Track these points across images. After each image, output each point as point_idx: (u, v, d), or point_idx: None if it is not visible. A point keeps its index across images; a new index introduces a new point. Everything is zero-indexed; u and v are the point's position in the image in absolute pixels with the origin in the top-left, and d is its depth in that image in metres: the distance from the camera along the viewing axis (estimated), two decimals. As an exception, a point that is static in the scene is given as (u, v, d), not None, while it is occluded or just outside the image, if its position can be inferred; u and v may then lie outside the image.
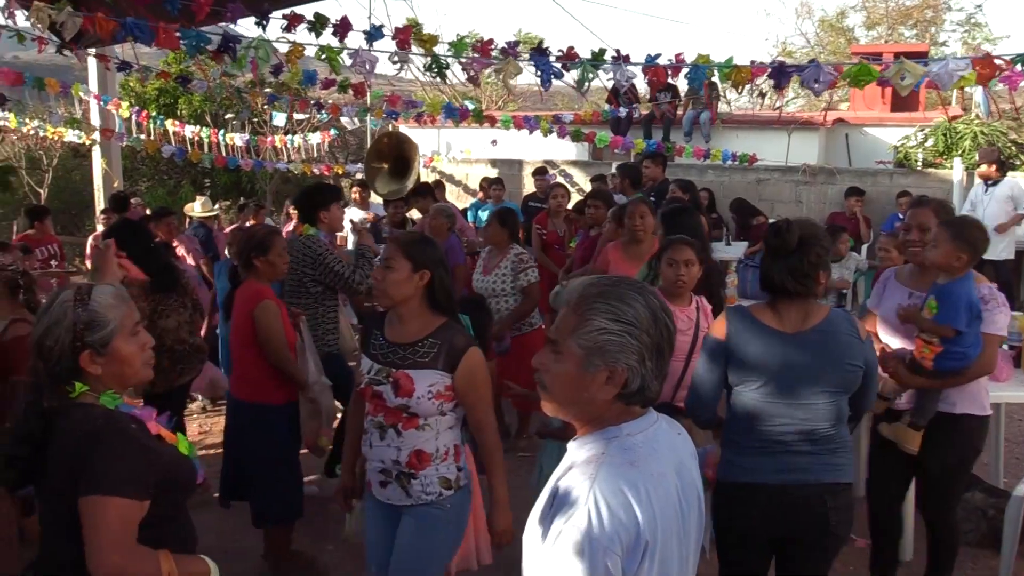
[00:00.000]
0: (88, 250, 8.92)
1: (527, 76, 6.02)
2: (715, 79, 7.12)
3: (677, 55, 5.35)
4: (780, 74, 5.09)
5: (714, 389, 2.91)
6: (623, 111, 11.54)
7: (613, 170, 10.82)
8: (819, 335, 2.81)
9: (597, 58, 5.43)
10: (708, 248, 4.68)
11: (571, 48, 5.47)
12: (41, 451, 2.05)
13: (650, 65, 5.32)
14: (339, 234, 7.17)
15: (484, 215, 9.75)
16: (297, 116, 17.46)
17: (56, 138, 13.31)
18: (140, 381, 2.21)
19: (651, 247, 4.95)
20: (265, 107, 17.17)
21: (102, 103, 10.82)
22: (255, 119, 18.24)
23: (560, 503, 1.59)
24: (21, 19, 6.35)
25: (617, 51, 5.47)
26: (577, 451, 1.71)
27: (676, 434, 1.80)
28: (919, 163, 11.87)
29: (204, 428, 6.55)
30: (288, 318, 4.13)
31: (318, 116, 14.65)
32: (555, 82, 5.94)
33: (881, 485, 3.83)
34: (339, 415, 4.85)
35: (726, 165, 11.73)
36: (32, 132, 13.17)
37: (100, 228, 9.89)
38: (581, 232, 7.25)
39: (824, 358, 2.80)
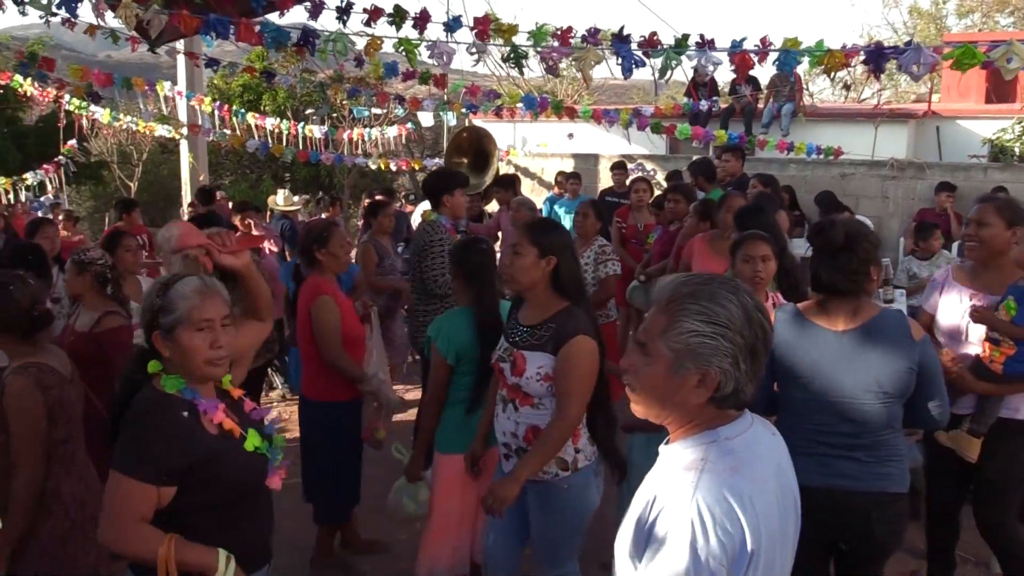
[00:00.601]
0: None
1: (602, 70, 5.92)
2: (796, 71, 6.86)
3: (763, 40, 5.17)
4: (878, 57, 4.81)
5: (763, 389, 2.80)
6: (704, 104, 11.29)
7: (691, 164, 10.66)
8: (868, 334, 2.72)
9: (680, 45, 5.29)
10: (784, 243, 4.56)
11: (653, 34, 5.34)
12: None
13: (736, 51, 5.15)
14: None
15: (560, 210, 9.69)
16: (374, 111, 17.70)
17: (147, 133, 13.77)
18: (204, 377, 2.24)
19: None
20: (344, 102, 17.48)
21: (186, 98, 11.14)
22: (334, 114, 18.54)
23: (660, 512, 1.54)
24: (111, 19, 6.57)
25: (701, 36, 5.32)
26: (673, 456, 1.65)
27: (771, 435, 1.73)
28: (1016, 157, 11.30)
29: (284, 417, 6.67)
30: (355, 311, 4.14)
31: (396, 110, 14.76)
32: (633, 76, 5.83)
33: (937, 493, 3.70)
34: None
35: (809, 159, 11.38)
36: (125, 127, 13.64)
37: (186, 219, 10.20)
38: (660, 227, 7.13)
39: (873, 358, 2.70)
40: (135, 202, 8.66)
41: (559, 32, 5.56)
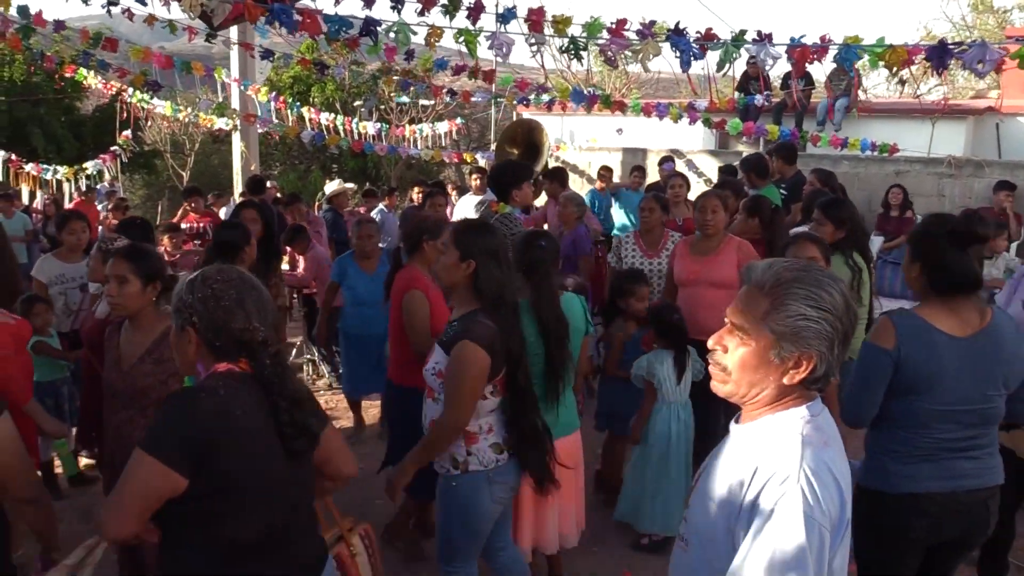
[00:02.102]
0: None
1: (653, 62, 5.84)
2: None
3: (822, 36, 5.07)
4: (941, 54, 4.68)
5: (876, 405, 2.72)
6: (758, 99, 11.13)
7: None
8: (989, 337, 2.65)
9: (738, 39, 5.21)
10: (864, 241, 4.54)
11: (710, 29, 5.28)
12: None
13: (796, 46, 5.05)
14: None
15: (617, 202, 9.63)
16: (422, 102, 17.80)
17: (204, 125, 14.00)
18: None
19: (721, 243, 4.82)
20: (392, 95, 17.61)
21: (242, 87, 11.29)
22: (382, 106, 18.69)
23: (765, 484, 1.58)
24: (172, 8, 6.66)
25: (759, 32, 5.25)
26: (765, 431, 1.69)
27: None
28: (1080, 156, 10.97)
29: (330, 405, 6.74)
30: (445, 302, 4.15)
31: (446, 101, 14.81)
32: (675, 70, 5.75)
33: None
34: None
35: (862, 156, 11.16)
36: (185, 119, 13.89)
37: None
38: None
39: (996, 361, 2.64)
40: (198, 189, 8.82)
41: (613, 25, 5.51)
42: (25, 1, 7.75)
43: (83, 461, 5.17)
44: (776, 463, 1.60)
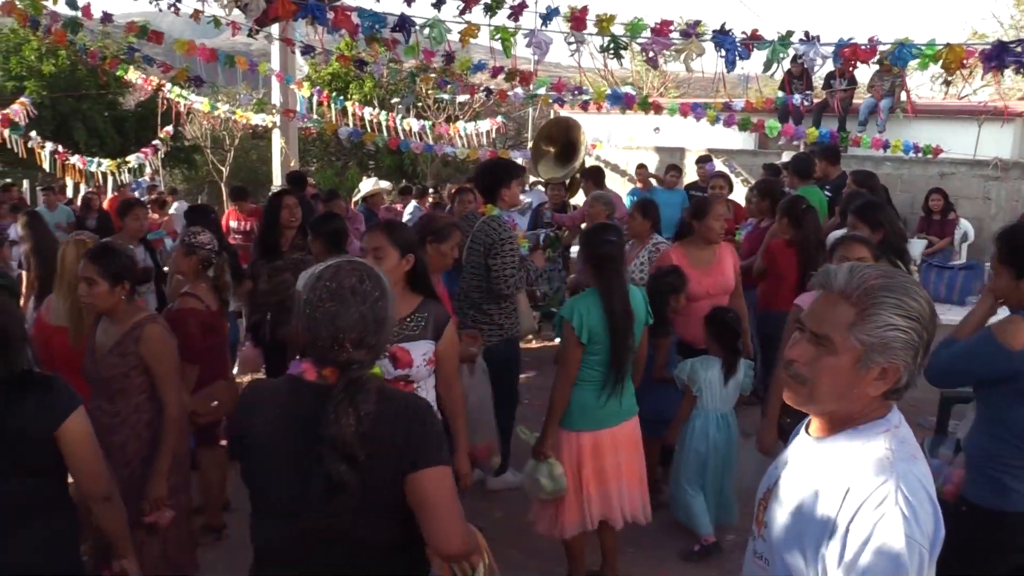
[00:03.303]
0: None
1: (694, 62, 5.78)
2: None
3: (871, 38, 4.96)
4: (1001, 53, 4.49)
5: (963, 382, 2.75)
6: (798, 98, 10.97)
7: (786, 158, 10.36)
8: None
9: (786, 39, 5.13)
10: (901, 243, 4.43)
11: (755, 30, 5.21)
12: None
13: (845, 46, 4.95)
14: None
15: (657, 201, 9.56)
16: (458, 99, 17.84)
17: (241, 120, 14.17)
18: None
19: (719, 252, 4.73)
20: (429, 92, 17.66)
21: (285, 82, 11.38)
22: (419, 104, 18.76)
23: (861, 505, 1.52)
24: (208, 6, 6.71)
25: (806, 33, 5.16)
26: (850, 447, 1.62)
27: None
28: None
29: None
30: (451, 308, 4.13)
31: (482, 98, 14.82)
32: (718, 68, 5.68)
33: None
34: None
35: (905, 157, 10.98)
36: (223, 116, 14.07)
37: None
38: (751, 222, 6.96)
39: None
40: (244, 190, 8.94)
41: (657, 25, 5.46)
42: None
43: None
44: (869, 483, 1.53)
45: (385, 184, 11.14)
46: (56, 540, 2.42)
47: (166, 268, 9.01)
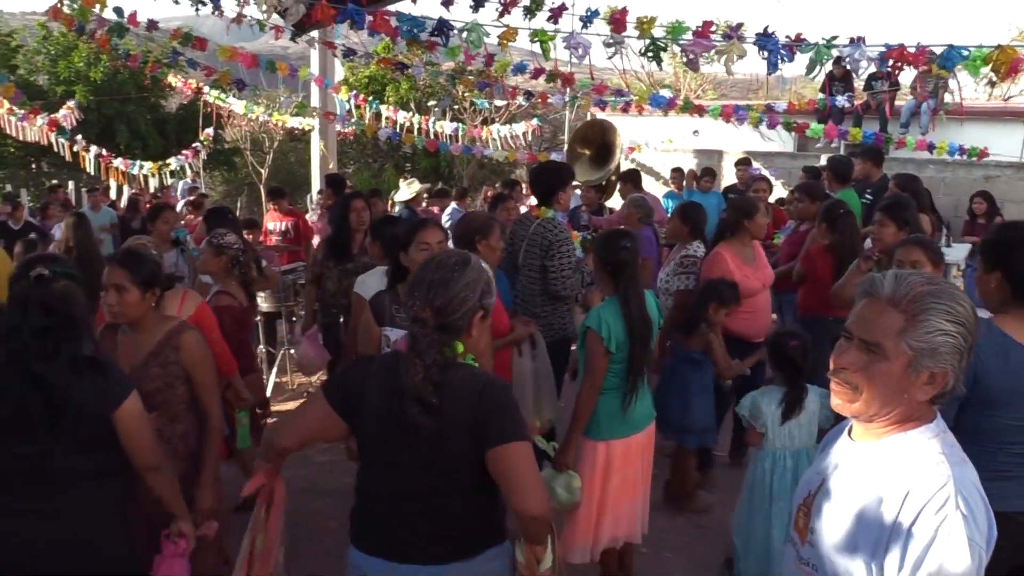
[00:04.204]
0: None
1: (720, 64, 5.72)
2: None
3: (919, 43, 4.88)
4: None
5: (951, 411, 2.60)
6: (841, 100, 10.82)
7: (822, 161, 10.24)
8: None
9: (831, 41, 5.06)
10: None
11: (799, 33, 5.14)
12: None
13: (892, 48, 4.87)
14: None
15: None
16: (496, 103, 17.88)
17: (278, 122, 14.34)
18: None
19: (756, 248, 4.95)
20: (466, 95, 17.71)
21: (324, 86, 11.50)
22: (456, 106, 18.82)
23: (922, 509, 1.55)
24: (249, 8, 6.79)
25: (852, 38, 5.08)
26: (902, 451, 1.65)
27: None
28: None
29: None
30: (503, 309, 4.15)
31: (519, 103, 14.84)
32: (754, 70, 5.61)
33: None
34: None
35: (949, 160, 10.78)
36: (259, 117, 14.26)
37: (317, 208, 10.58)
38: (790, 225, 6.89)
39: None
40: (282, 190, 9.04)
41: (698, 28, 5.41)
42: (121, 2, 8.05)
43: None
44: (929, 487, 1.56)
45: (424, 186, 11.20)
46: (108, 510, 2.54)
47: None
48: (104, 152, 13.99)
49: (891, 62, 4.95)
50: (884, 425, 1.68)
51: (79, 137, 13.14)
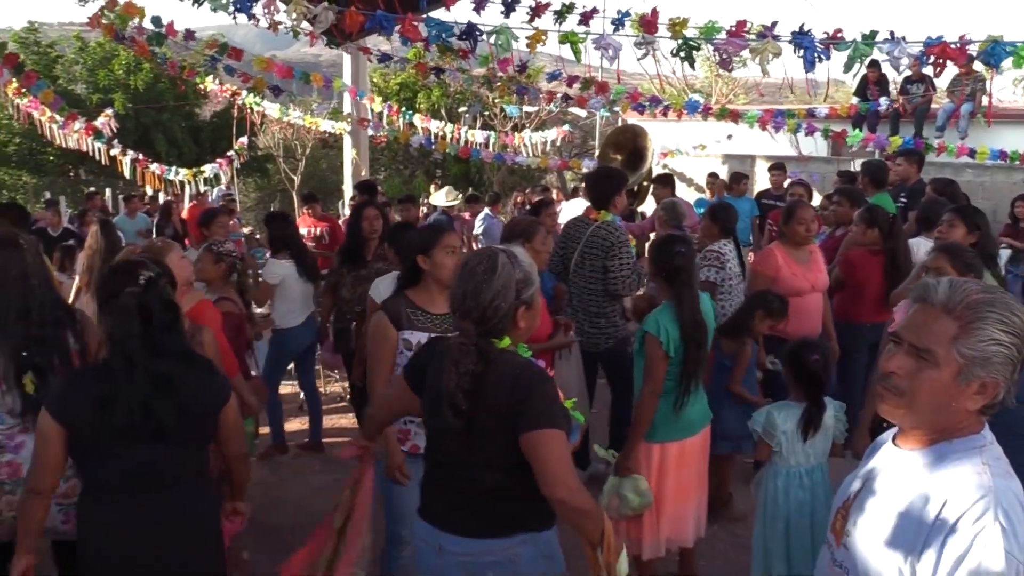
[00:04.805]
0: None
1: (755, 67, 5.64)
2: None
3: (962, 36, 4.77)
4: None
5: None
6: (884, 104, 10.60)
7: (856, 166, 10.11)
8: None
9: (870, 38, 4.97)
10: (995, 250, 4.29)
11: (837, 30, 5.06)
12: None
13: (934, 44, 4.76)
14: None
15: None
16: (525, 108, 17.90)
17: (312, 128, 14.47)
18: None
19: (814, 251, 4.91)
20: (496, 101, 17.76)
21: (358, 97, 11.57)
22: (486, 112, 18.88)
23: (959, 519, 1.53)
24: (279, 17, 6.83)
25: (891, 32, 4.99)
26: (945, 461, 1.63)
27: None
28: None
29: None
30: (548, 315, 4.15)
31: (549, 109, 14.84)
32: (784, 72, 5.55)
33: None
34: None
35: (987, 164, 10.59)
36: (295, 122, 14.40)
37: (348, 212, 10.65)
38: (825, 231, 6.80)
39: None
40: (315, 196, 9.12)
41: (732, 28, 5.34)
42: (157, 12, 8.17)
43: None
44: (968, 497, 1.54)
45: (457, 194, 11.25)
46: (211, 506, 2.62)
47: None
48: (140, 156, 14.19)
49: (932, 59, 4.82)
50: (930, 433, 1.66)
51: (115, 141, 13.34)
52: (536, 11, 6.32)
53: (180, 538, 2.45)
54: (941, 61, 4.79)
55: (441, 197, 10.17)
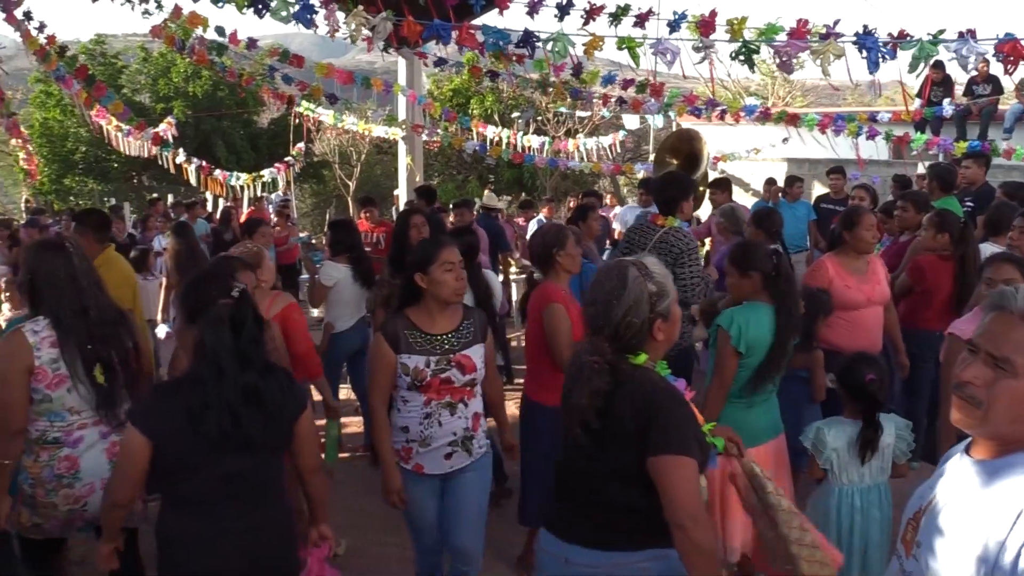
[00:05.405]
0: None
1: (813, 69, 5.50)
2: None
3: (1035, 33, 4.60)
4: None
5: None
6: (947, 108, 10.30)
7: (921, 170, 9.85)
8: None
9: (937, 36, 4.81)
10: None
11: (902, 29, 4.92)
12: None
13: (1004, 42, 4.60)
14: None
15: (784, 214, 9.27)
16: (578, 113, 17.88)
17: (366, 134, 14.65)
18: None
19: (871, 262, 4.64)
20: (549, 106, 17.77)
21: (418, 102, 11.67)
22: (539, 117, 18.90)
23: None
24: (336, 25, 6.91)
25: (960, 32, 4.84)
26: (1011, 471, 1.59)
27: None
28: None
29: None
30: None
31: (603, 114, 14.80)
32: (840, 74, 5.40)
33: None
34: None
35: (1060, 167, 10.22)
36: (348, 128, 14.63)
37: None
38: (888, 238, 6.64)
39: None
40: (372, 199, 9.19)
41: (793, 28, 5.22)
42: (217, 21, 8.38)
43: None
44: None
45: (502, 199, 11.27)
46: (290, 515, 2.63)
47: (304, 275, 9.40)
48: (204, 163, 14.54)
49: (1002, 56, 4.65)
50: (1005, 443, 1.62)
51: (181, 150, 13.70)
52: (590, 13, 6.28)
53: (262, 547, 2.48)
54: (1012, 59, 4.62)
55: (494, 199, 10.18)
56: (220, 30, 8.32)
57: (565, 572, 2.28)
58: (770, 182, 10.20)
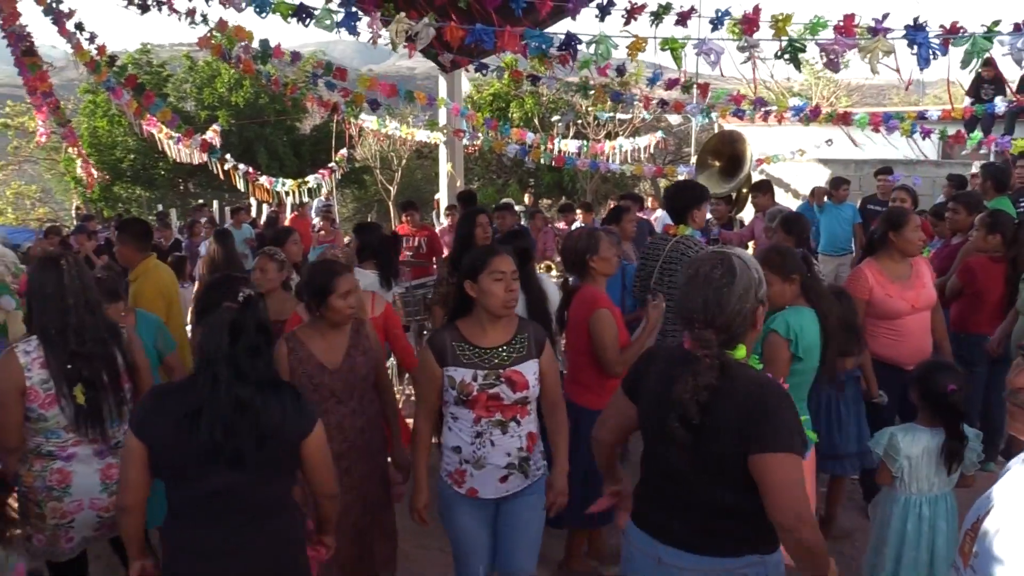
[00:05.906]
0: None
1: (857, 68, 5.37)
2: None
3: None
4: None
5: None
6: (999, 105, 10.00)
7: (974, 169, 9.61)
8: None
9: (992, 30, 4.67)
10: None
11: (955, 23, 4.78)
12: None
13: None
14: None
15: (824, 217, 9.13)
16: (619, 116, 17.79)
17: (408, 138, 14.75)
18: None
19: (916, 265, 4.44)
20: (590, 109, 17.70)
21: (460, 114, 11.71)
22: (579, 120, 18.84)
23: None
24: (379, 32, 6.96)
25: (1015, 24, 4.69)
26: None
27: None
28: None
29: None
30: (623, 319, 4.07)
31: (643, 116, 14.71)
32: (885, 73, 5.27)
33: None
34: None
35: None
36: (391, 133, 14.76)
37: (445, 222, 10.77)
38: (939, 240, 6.49)
39: None
40: (414, 203, 9.20)
41: (840, 24, 5.08)
42: (260, 30, 8.49)
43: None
44: None
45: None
46: (297, 537, 2.55)
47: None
48: (250, 170, 14.77)
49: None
50: None
51: (228, 156, 13.93)
52: (631, 13, 6.23)
53: (259, 568, 2.41)
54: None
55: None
56: (265, 43, 8.43)
57: (659, 572, 2.24)
58: (817, 188, 10.05)
